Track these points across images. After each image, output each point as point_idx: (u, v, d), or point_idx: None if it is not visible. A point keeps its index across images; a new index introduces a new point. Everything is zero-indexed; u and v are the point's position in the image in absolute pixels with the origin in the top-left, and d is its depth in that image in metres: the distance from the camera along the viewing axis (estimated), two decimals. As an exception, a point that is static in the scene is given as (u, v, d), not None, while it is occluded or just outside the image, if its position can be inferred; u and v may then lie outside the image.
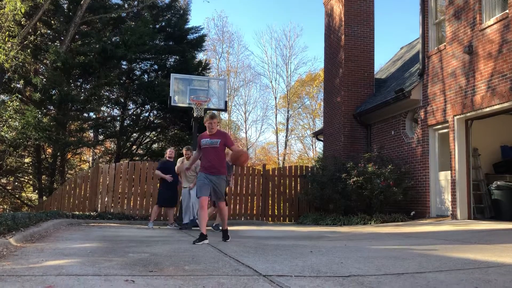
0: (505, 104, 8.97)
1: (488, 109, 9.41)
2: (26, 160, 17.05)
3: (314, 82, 34.82)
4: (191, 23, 61.60)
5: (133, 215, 12.41)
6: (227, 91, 18.07)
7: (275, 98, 36.33)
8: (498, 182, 10.22)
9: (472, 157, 10.54)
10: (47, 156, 16.17)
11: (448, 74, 10.62)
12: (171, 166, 10.37)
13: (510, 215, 9.97)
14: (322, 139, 16.45)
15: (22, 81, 13.85)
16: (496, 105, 9.16)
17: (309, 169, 14.24)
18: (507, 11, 9.01)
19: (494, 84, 9.19)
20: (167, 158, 10.66)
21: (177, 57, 17.05)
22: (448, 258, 4.34)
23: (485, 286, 3.09)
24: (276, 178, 13.88)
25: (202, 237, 5.98)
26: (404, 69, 15.07)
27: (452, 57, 10.51)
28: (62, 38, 15.36)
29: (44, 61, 15.77)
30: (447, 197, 10.55)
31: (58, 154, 15.38)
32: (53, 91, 14.30)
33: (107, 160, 18.21)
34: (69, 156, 17.03)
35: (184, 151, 10.02)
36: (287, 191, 13.91)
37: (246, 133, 36.75)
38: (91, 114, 16.77)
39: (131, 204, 12.80)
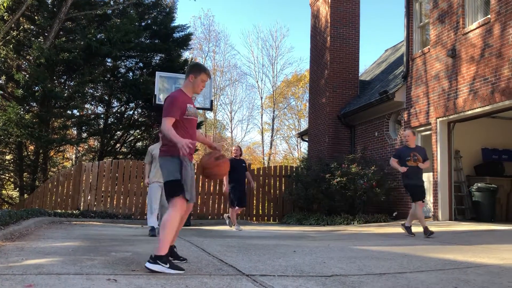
0: (487, 108, 9.13)
1: (470, 112, 9.56)
2: (8, 157, 16.78)
3: (299, 82, 34.94)
4: (177, 22, 61.20)
5: (117, 214, 12.30)
6: (213, 90, 18.05)
7: (261, 98, 36.38)
8: (479, 184, 10.39)
9: (454, 159, 10.70)
10: (29, 153, 15.93)
11: (432, 77, 10.76)
12: (237, 165, 9.50)
13: (490, 216, 10.16)
14: (307, 139, 16.52)
15: (4, 77, 13.57)
16: (477, 108, 9.31)
17: (294, 169, 14.29)
18: (489, 16, 9.16)
19: (476, 87, 9.35)
20: (233, 156, 9.73)
21: (163, 55, 16.94)
22: (429, 259, 4.41)
23: (464, 286, 3.14)
24: (261, 177, 13.90)
25: None
26: (388, 71, 15.23)
27: (436, 60, 10.65)
28: (46, 34, 15.15)
29: (27, 57, 15.54)
30: (429, 198, 10.69)
31: (41, 151, 15.17)
32: (36, 88, 14.09)
33: (91, 158, 18.01)
34: (51, 154, 16.79)
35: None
36: (272, 191, 13.95)
37: (231, 132, 36.72)
38: (75, 111, 16.55)
39: (114, 202, 12.69)
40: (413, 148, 7.53)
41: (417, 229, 8.65)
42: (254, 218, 13.68)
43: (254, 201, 13.78)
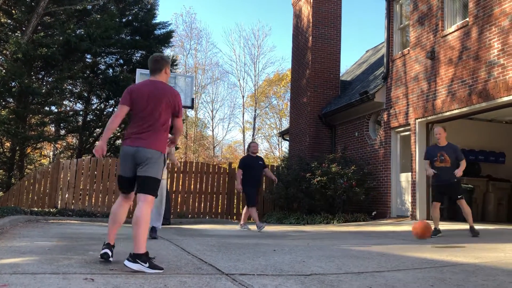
0: (464, 109, 9.30)
1: (448, 113, 9.72)
2: (-18, 153, 16.43)
3: (281, 82, 35.04)
4: (159, 18, 60.73)
5: (95, 212, 12.14)
6: (194, 88, 17.91)
7: (243, 96, 36.37)
8: (456, 184, 10.56)
9: (431, 160, 10.85)
10: (5, 150, 15.61)
11: (411, 78, 10.91)
12: (254, 162, 9.08)
13: (466, 216, 10.34)
14: (288, 138, 16.58)
15: (-21, 72, 13.25)
16: (455, 109, 9.48)
17: (275, 168, 14.32)
18: (467, 19, 9.33)
19: (454, 89, 9.51)
20: (250, 153, 9.23)
21: (144, 52, 16.78)
22: (406, 258, 4.47)
23: (440, 284, 3.20)
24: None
25: None
26: (369, 72, 15.38)
27: (415, 61, 10.80)
28: (24, 28, 14.86)
29: (4, 51, 15.21)
30: (408, 198, 10.84)
31: (17, 148, 14.88)
32: (13, 83, 13.82)
33: (69, 156, 17.74)
34: (28, 151, 16.49)
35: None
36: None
37: (213, 131, 36.61)
38: (53, 108, 16.29)
39: (93, 201, 12.53)
40: (442, 147, 7.04)
41: (399, 228, 8.77)
42: (235, 217, 13.66)
43: (235, 200, 13.77)
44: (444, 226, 8.63)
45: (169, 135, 4.19)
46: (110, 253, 3.81)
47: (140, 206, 3.65)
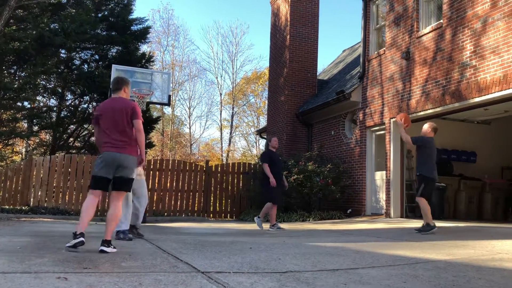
0: (438, 109, 9.49)
1: (422, 113, 9.90)
2: (-49, 150, 15.96)
3: (259, 80, 35.08)
4: (136, 14, 60.00)
5: (69, 210, 11.95)
6: (171, 85, 17.78)
7: (220, 94, 36.27)
8: (429, 183, 10.77)
9: (406, 158, 11.06)
10: (-25, 146, 15.22)
11: (387, 78, 11.06)
12: (277, 158, 8.78)
13: (439, 214, 10.56)
14: (265, 136, 16.62)
15: None
16: (429, 109, 9.66)
17: (252, 166, 14.34)
18: (441, 21, 9.52)
19: (428, 89, 9.69)
20: (271, 147, 8.86)
21: (120, 48, 16.55)
22: (381, 255, 4.54)
23: (413, 281, 3.26)
24: (218, 174, 13.86)
25: None
26: (345, 71, 15.53)
27: (391, 62, 10.96)
28: (-5, 21, 14.46)
29: (-26, 45, 14.79)
30: (382, 196, 11.00)
31: (-12, 144, 14.52)
32: (-16, 78, 13.45)
33: (42, 153, 17.37)
34: (-1, 147, 16.11)
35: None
36: (230, 188, 13.94)
37: (190, 128, 36.40)
38: (26, 103, 15.91)
39: (67, 198, 12.32)
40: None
41: (373, 225, 8.90)
42: (212, 215, 13.63)
43: (212, 198, 13.73)
44: (417, 224, 8.80)
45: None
46: (84, 239, 4.35)
47: (119, 205, 4.66)
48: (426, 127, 7.34)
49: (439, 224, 7.37)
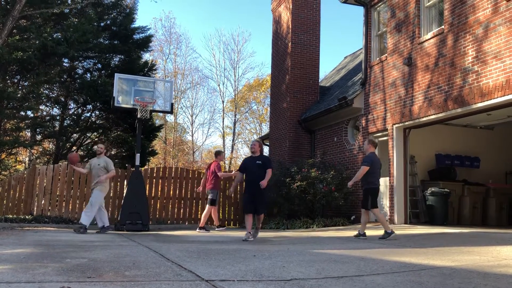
0: (440, 115, 9.48)
1: (424, 118, 9.89)
2: (-45, 159, 16.00)
3: (261, 87, 35.14)
4: (138, 23, 60.21)
5: (72, 219, 11.92)
6: (173, 93, 17.85)
7: (223, 101, 36.32)
8: (433, 189, 10.75)
9: (409, 164, 11.04)
10: (-22, 155, 15.26)
11: (389, 84, 11.07)
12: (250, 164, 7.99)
13: (443, 220, 10.53)
14: (268, 143, 16.61)
15: (-48, 76, 12.88)
16: (432, 115, 9.65)
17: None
18: (443, 26, 9.53)
19: (430, 95, 9.69)
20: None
21: (122, 56, 16.61)
22: (385, 262, 4.51)
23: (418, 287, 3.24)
24: (221, 182, 13.82)
25: None
26: (347, 77, 15.55)
27: (393, 68, 10.97)
28: (-1, 32, 14.55)
29: (-22, 55, 14.87)
30: (386, 202, 10.96)
31: (-9, 153, 14.55)
32: (-13, 88, 13.50)
33: (45, 161, 17.40)
34: (3, 156, 16.13)
35: None
36: (232, 195, 13.89)
37: (192, 136, 36.45)
38: (29, 112, 15.95)
39: (70, 207, 12.30)
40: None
41: (377, 232, 8.86)
42: (214, 223, 13.58)
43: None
44: (421, 230, 8.76)
45: None
46: None
47: None
48: (366, 144, 8.26)
49: (443, 230, 7.34)
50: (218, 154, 11.50)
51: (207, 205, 10.50)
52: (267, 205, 8.61)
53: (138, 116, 11.12)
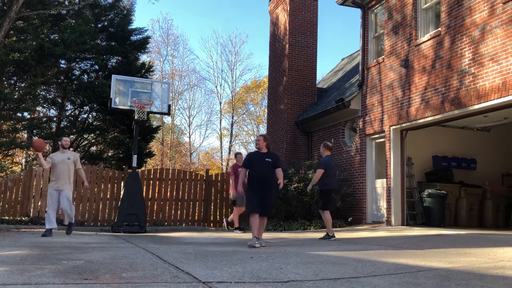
0: (437, 116, 9.50)
1: (421, 120, 9.91)
2: (-49, 161, 15.95)
3: (258, 89, 35.15)
4: (135, 24, 60.41)
5: (69, 221, 11.88)
6: (171, 94, 17.80)
7: (220, 103, 36.31)
8: (430, 190, 10.77)
9: (406, 166, 11.05)
10: (-26, 157, 15.21)
11: (386, 86, 11.09)
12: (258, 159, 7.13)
13: (440, 221, 10.55)
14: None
15: None
16: (429, 117, 9.67)
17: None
18: (439, 29, 9.56)
19: (427, 97, 9.71)
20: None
21: (120, 58, 16.60)
22: (382, 263, 4.51)
23: (415, 289, 3.24)
24: (219, 183, 13.82)
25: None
26: (345, 79, 15.57)
27: (390, 69, 10.99)
28: (-5, 33, 14.51)
29: (-26, 56, 14.83)
30: (383, 204, 10.98)
31: (-12, 155, 14.50)
32: (-16, 89, 13.46)
33: (42, 163, 17.35)
34: (-1, 158, 16.09)
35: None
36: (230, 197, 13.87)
37: (189, 137, 36.38)
38: (26, 114, 15.92)
39: (67, 209, 12.25)
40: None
41: (374, 234, 8.87)
42: (212, 225, 13.57)
43: (212, 207, 13.68)
44: (418, 231, 8.78)
45: None
46: None
47: None
48: (321, 148, 8.51)
49: (440, 232, 7.35)
50: (238, 155, 11.82)
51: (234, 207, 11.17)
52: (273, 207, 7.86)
53: (135, 117, 11.11)
